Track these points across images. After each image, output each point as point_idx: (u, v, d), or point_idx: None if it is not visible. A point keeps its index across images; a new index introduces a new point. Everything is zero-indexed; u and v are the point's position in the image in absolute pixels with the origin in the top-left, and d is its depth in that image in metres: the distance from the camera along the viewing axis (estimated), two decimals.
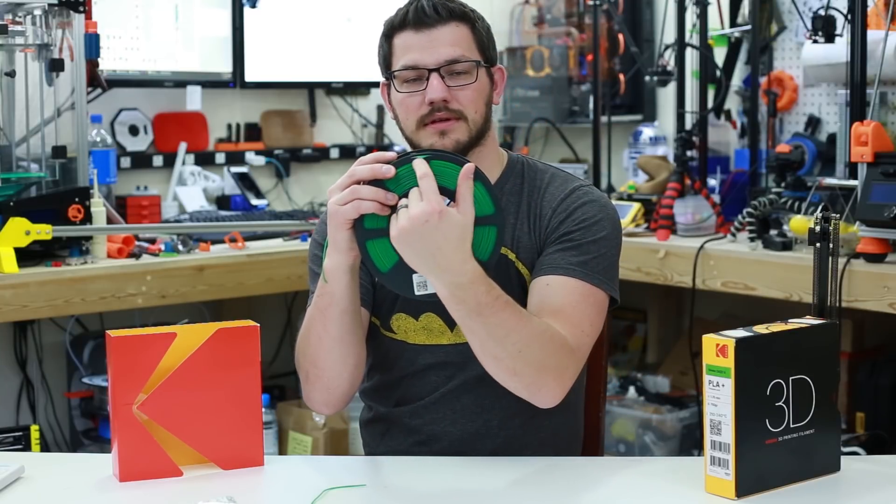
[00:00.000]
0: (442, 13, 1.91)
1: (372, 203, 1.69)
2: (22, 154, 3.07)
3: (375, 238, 1.71)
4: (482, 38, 1.95)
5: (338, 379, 1.89)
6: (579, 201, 1.95)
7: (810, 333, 1.70)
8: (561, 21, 4.28)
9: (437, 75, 1.90)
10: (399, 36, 1.93)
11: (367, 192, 1.70)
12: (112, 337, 1.73)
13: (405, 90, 1.93)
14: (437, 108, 1.90)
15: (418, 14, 1.91)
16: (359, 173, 1.71)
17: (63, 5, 3.04)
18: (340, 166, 4.20)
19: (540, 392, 1.81)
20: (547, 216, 1.95)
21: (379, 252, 1.72)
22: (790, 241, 3.05)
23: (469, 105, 1.92)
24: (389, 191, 1.69)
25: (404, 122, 1.95)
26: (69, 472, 1.84)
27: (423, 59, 1.91)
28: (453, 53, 1.91)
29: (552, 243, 1.92)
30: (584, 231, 1.92)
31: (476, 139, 1.94)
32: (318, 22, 4.00)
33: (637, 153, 3.93)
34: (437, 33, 1.91)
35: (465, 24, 1.93)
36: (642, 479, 1.78)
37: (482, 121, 1.95)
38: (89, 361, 3.44)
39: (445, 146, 1.90)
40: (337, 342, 1.86)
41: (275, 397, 3.76)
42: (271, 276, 3.29)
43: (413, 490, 1.75)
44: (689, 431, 3.68)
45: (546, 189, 1.98)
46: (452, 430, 1.97)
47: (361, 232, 1.71)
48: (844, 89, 3.07)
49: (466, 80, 1.92)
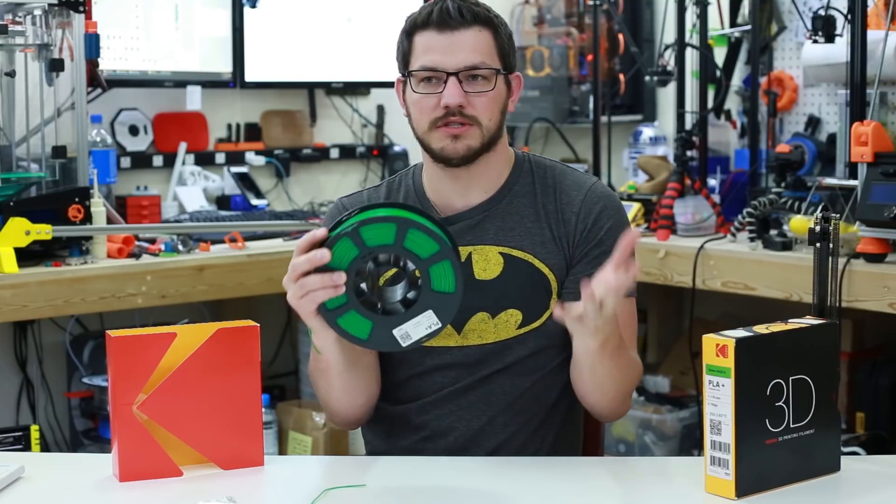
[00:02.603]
0: (467, 16, 1.90)
1: (324, 291, 1.69)
2: (22, 154, 3.07)
3: (343, 314, 1.72)
4: (503, 45, 1.94)
5: (353, 414, 1.98)
6: (600, 204, 1.98)
7: (810, 333, 1.70)
8: (561, 21, 4.28)
9: (455, 80, 1.89)
10: (421, 35, 1.92)
11: (315, 281, 1.69)
12: (112, 337, 1.73)
13: (421, 90, 1.92)
14: (452, 113, 1.90)
15: (443, 15, 1.90)
16: (300, 267, 1.70)
17: (63, 5, 3.04)
18: (340, 166, 4.20)
19: (616, 414, 2.00)
20: (571, 222, 1.97)
21: (351, 324, 1.72)
22: (790, 241, 3.05)
23: (484, 112, 1.91)
24: (334, 270, 1.69)
25: (417, 122, 1.95)
26: (69, 472, 1.84)
27: (443, 62, 1.90)
28: (474, 59, 1.90)
29: (586, 259, 1.96)
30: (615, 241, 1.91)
31: (488, 146, 1.94)
32: (318, 22, 4.00)
33: (637, 153, 3.93)
34: (460, 36, 1.90)
35: (489, 30, 1.92)
36: (642, 479, 1.78)
37: (495, 128, 1.94)
38: (89, 361, 3.44)
39: (458, 151, 1.91)
40: (344, 392, 1.93)
41: (275, 397, 3.76)
42: (271, 276, 3.28)
43: (413, 490, 1.75)
44: (689, 431, 3.68)
45: (559, 188, 2.00)
46: (458, 427, 1.97)
47: (327, 314, 1.72)
48: (844, 89, 3.07)
49: (484, 88, 1.91)
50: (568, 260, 1.96)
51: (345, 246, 1.68)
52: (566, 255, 1.96)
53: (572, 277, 1.95)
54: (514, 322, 1.95)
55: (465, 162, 1.93)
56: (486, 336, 1.95)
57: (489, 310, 1.95)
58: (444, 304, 1.71)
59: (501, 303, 1.94)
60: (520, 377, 1.96)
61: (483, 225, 1.97)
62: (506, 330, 1.95)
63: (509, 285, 1.95)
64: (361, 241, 1.68)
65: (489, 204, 1.98)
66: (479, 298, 1.94)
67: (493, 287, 1.95)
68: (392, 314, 1.71)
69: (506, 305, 1.94)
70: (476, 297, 1.93)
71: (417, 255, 1.69)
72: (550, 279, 1.96)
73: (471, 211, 1.98)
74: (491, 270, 1.95)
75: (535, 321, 1.95)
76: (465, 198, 1.98)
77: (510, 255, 1.96)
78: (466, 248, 1.96)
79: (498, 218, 1.97)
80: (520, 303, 1.95)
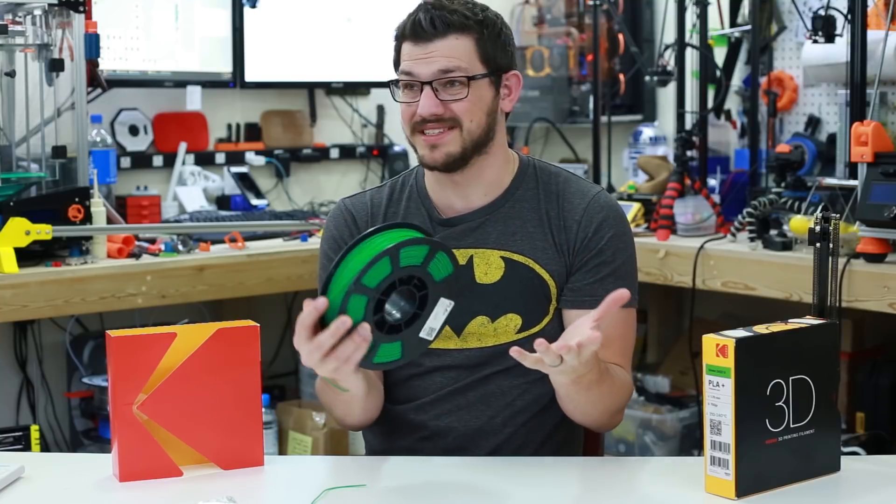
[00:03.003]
0: (439, 27, 1.90)
1: (359, 351, 1.65)
2: (22, 154, 3.07)
3: (376, 353, 1.70)
4: (487, 47, 1.92)
5: (360, 423, 1.99)
6: (602, 213, 1.97)
7: (810, 333, 1.70)
8: (561, 21, 4.28)
9: (429, 89, 1.90)
10: (403, 44, 1.94)
11: (349, 349, 1.65)
12: (112, 337, 1.73)
13: (402, 98, 1.94)
14: (428, 120, 1.91)
15: (415, 28, 1.91)
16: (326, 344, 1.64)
17: (63, 5, 3.04)
18: (340, 166, 4.20)
19: (607, 428, 2.01)
20: (573, 229, 1.97)
21: (385, 355, 1.72)
22: (790, 241, 3.05)
23: (464, 115, 1.91)
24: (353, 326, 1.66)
25: (403, 127, 1.97)
26: (69, 472, 1.84)
27: (417, 71, 1.91)
28: (447, 65, 1.90)
29: (586, 268, 1.95)
30: (615, 251, 1.96)
31: (473, 150, 1.93)
32: (318, 22, 4.00)
33: (637, 153, 3.93)
34: (434, 47, 1.90)
35: (467, 35, 1.91)
36: (642, 479, 1.78)
37: (480, 131, 1.93)
38: (89, 361, 3.44)
39: (436, 159, 1.92)
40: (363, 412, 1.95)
41: (275, 397, 3.76)
42: (271, 276, 3.29)
43: (413, 490, 1.75)
44: (689, 431, 3.68)
45: (563, 195, 1.99)
46: (457, 426, 1.97)
47: (364, 363, 1.70)
48: (844, 89, 3.07)
49: (460, 93, 1.91)
50: (568, 267, 1.96)
51: (356, 302, 1.65)
52: (566, 262, 1.96)
53: (571, 285, 1.96)
54: (513, 327, 1.95)
55: (448, 168, 1.93)
56: (486, 340, 1.95)
57: (489, 314, 1.95)
58: (449, 286, 1.72)
59: (501, 307, 1.95)
60: (519, 378, 1.96)
61: (485, 228, 1.97)
62: (505, 334, 1.95)
63: (510, 290, 1.95)
64: (365, 287, 1.65)
65: (491, 207, 1.98)
66: (479, 302, 1.94)
67: (494, 291, 1.95)
68: (413, 321, 1.71)
69: (506, 310, 1.95)
70: (476, 301, 1.93)
71: (415, 265, 1.68)
72: (550, 285, 1.96)
73: (472, 213, 1.98)
74: (492, 274, 1.95)
75: (534, 326, 1.95)
76: (464, 200, 1.98)
77: (511, 259, 1.96)
78: (468, 250, 1.96)
79: (500, 222, 1.97)
80: (520, 308, 1.95)
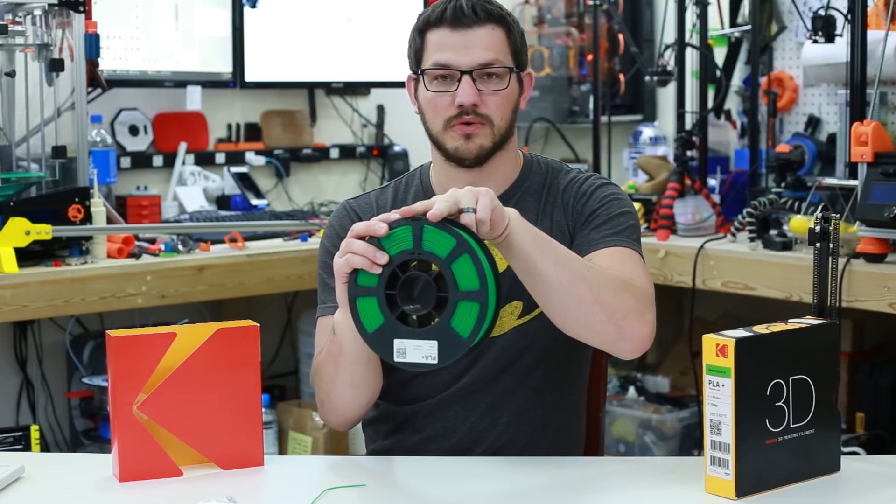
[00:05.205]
0: (480, 14, 1.90)
1: (361, 258, 1.64)
2: (22, 154, 3.07)
3: (365, 296, 1.67)
4: (516, 43, 1.94)
5: (351, 411, 1.93)
6: (598, 182, 1.99)
7: (810, 333, 1.70)
8: (561, 21, 4.28)
9: (468, 78, 1.89)
10: (433, 32, 1.92)
11: (359, 247, 1.65)
12: (112, 337, 1.73)
13: (434, 89, 1.92)
14: (466, 111, 1.90)
15: (456, 13, 1.90)
16: (356, 229, 1.67)
17: (63, 5, 3.04)
18: (340, 166, 4.20)
19: (625, 329, 1.77)
20: (569, 204, 1.97)
21: (367, 311, 1.67)
22: (790, 241, 3.05)
23: (496, 111, 1.92)
24: (383, 250, 1.65)
25: (430, 121, 1.95)
26: (69, 472, 1.84)
27: (456, 60, 1.90)
28: (487, 57, 1.90)
29: (582, 226, 1.95)
30: (609, 206, 1.94)
31: (499, 145, 1.94)
32: (318, 22, 4.00)
33: (637, 153, 3.93)
34: (474, 34, 1.90)
35: (502, 28, 1.92)
36: (642, 479, 1.78)
37: (507, 127, 1.94)
38: (89, 361, 3.44)
39: (471, 150, 1.91)
40: (349, 385, 1.87)
41: (275, 397, 3.76)
42: (271, 276, 3.28)
43: (413, 490, 1.76)
44: (689, 431, 3.68)
45: (561, 185, 2.00)
46: (462, 427, 1.97)
47: (353, 288, 1.68)
48: (844, 89, 3.07)
49: (498, 86, 1.91)
50: (571, 237, 1.96)
51: (403, 234, 1.64)
52: (568, 234, 1.96)
53: (576, 242, 1.94)
54: (515, 313, 1.95)
55: (478, 162, 1.94)
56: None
57: None
58: (452, 343, 1.64)
59: (507, 296, 1.94)
60: (523, 377, 1.96)
61: None
62: (508, 321, 1.95)
63: (514, 278, 1.94)
64: (420, 237, 1.64)
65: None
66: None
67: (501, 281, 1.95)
68: (404, 324, 1.66)
69: (509, 298, 1.95)
70: None
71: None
72: None
73: None
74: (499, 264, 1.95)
75: (535, 309, 1.93)
76: None
77: None
78: None
79: None
80: (521, 293, 1.94)
